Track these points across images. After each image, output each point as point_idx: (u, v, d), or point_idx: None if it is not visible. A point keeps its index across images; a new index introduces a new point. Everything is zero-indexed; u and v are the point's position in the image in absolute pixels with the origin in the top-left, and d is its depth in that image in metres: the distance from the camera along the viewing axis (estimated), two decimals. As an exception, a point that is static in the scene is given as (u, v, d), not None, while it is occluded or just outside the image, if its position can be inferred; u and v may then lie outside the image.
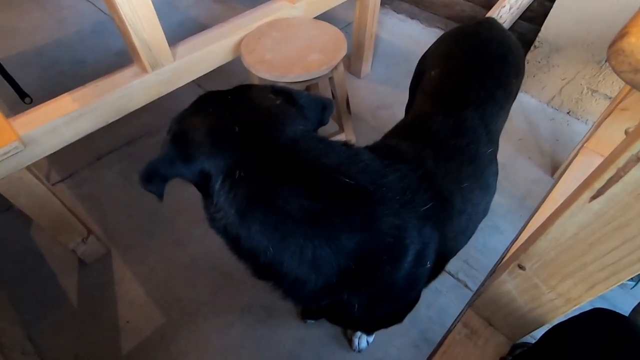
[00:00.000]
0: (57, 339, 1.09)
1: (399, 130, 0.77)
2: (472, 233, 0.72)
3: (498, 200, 1.40)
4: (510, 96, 0.85)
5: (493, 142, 0.77)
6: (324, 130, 1.63)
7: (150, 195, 0.60)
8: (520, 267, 0.47)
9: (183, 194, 1.41)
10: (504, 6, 1.66)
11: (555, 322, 0.49)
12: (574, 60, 1.55)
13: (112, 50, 2.01)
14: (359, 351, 1.06)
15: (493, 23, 0.95)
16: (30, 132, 0.86)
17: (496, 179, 0.77)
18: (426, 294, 1.18)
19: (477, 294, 0.59)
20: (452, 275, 1.22)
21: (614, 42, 0.23)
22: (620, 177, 0.31)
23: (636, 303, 1.06)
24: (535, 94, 1.76)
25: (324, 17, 1.24)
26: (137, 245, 1.28)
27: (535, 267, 0.45)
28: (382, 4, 2.25)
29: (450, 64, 0.85)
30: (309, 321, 1.12)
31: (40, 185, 0.95)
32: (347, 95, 1.26)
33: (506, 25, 1.73)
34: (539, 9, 1.65)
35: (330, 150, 0.54)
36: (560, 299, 0.45)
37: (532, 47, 1.65)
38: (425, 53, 1.00)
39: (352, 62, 1.83)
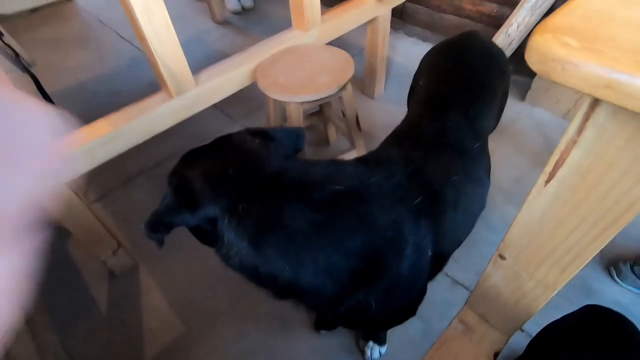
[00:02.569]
0: (87, 344, 1.17)
1: (390, 138, 0.82)
2: (472, 225, 0.74)
3: (512, 213, 1.39)
4: (495, 96, 0.89)
5: (480, 138, 0.81)
6: (337, 147, 1.70)
7: None
8: (501, 257, 0.49)
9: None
10: (512, 25, 1.71)
11: (539, 312, 0.51)
12: (586, 73, 1.55)
13: (145, 81, 2.20)
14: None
15: (474, 33, 1.03)
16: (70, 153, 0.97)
17: (488, 173, 0.80)
18: (446, 310, 1.18)
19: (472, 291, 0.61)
20: (467, 289, 1.21)
21: (528, 42, 0.28)
22: (564, 159, 0.35)
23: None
24: (550, 107, 1.76)
25: (338, 44, 1.33)
26: (161, 258, 1.36)
27: (514, 255, 0.48)
28: (395, 28, 2.35)
29: (435, 73, 0.92)
30: (322, 331, 1.14)
31: (77, 200, 1.06)
32: (357, 114, 1.33)
33: (515, 43, 1.77)
34: (548, 26, 1.68)
35: (314, 167, 0.60)
36: (539, 286, 0.47)
37: (542, 63, 1.67)
38: (417, 69, 1.06)
39: (365, 84, 1.91)
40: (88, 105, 2.06)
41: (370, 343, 1.07)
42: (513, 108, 1.79)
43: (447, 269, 1.26)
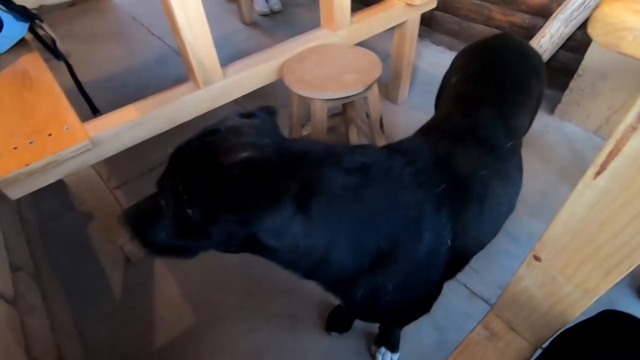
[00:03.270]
0: (99, 328, 1.17)
1: (416, 133, 0.81)
2: (498, 228, 0.71)
3: (536, 226, 1.34)
4: (531, 96, 0.87)
5: (513, 137, 0.78)
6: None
7: None
8: (536, 258, 0.47)
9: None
10: (544, 36, 1.67)
11: (576, 320, 0.48)
12: (621, 88, 1.50)
13: (172, 77, 2.24)
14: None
15: (508, 35, 1.01)
16: (99, 134, 1.00)
17: (520, 173, 0.78)
18: (462, 322, 1.14)
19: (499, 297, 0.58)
20: (486, 301, 1.17)
21: (592, 14, 0.26)
22: (620, 149, 0.33)
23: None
24: (581, 122, 1.70)
25: (365, 47, 1.33)
26: (177, 248, 1.37)
27: (551, 256, 0.45)
28: (422, 36, 2.33)
29: (468, 71, 0.90)
30: (333, 333, 1.11)
31: (101, 183, 1.08)
32: (381, 116, 1.31)
33: (547, 54, 1.73)
34: (582, 38, 1.64)
35: (335, 145, 0.59)
36: (578, 290, 0.44)
37: (575, 76, 1.62)
38: (449, 68, 1.05)
39: (389, 89, 1.90)
40: (117, 95, 2.12)
41: (382, 349, 1.04)
42: (541, 121, 1.74)
43: (466, 280, 1.22)
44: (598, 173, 0.35)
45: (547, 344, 0.53)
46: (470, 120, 0.75)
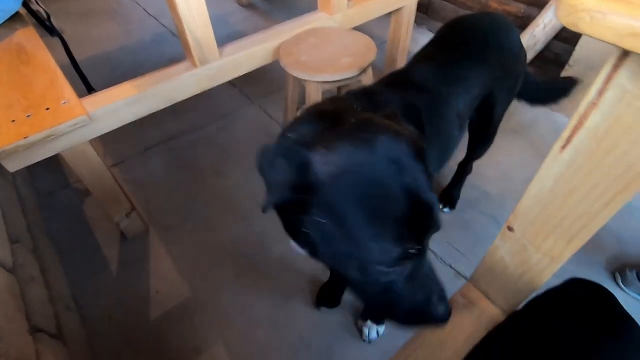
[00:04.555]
0: (95, 300, 1.21)
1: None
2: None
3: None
4: (482, 65, 0.93)
5: (452, 91, 0.88)
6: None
7: (187, 183, 0.66)
8: (510, 228, 0.50)
9: (218, 186, 1.53)
10: (538, 25, 1.69)
11: (544, 287, 0.52)
12: (610, 79, 1.53)
13: (167, 57, 2.24)
14: (369, 342, 1.09)
15: (491, 13, 1.04)
16: (96, 110, 1.01)
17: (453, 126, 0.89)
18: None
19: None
20: (469, 280, 1.22)
21: (558, -4, 0.29)
22: (582, 124, 0.36)
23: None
24: (570, 113, 1.73)
25: (362, 32, 1.34)
26: (173, 226, 1.40)
27: (522, 227, 0.49)
28: (418, 23, 2.33)
29: (437, 39, 1.00)
30: (322, 308, 1.16)
31: (98, 159, 1.10)
32: (375, 100, 1.33)
33: (540, 44, 1.75)
34: (575, 29, 1.66)
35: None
36: (545, 258, 0.48)
37: (566, 67, 1.65)
38: None
39: (384, 75, 1.91)
40: (113, 73, 2.11)
41: (369, 322, 1.09)
42: (532, 111, 1.78)
43: (452, 261, 1.27)
44: (563, 147, 0.38)
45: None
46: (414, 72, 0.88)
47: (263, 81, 2.01)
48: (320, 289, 1.18)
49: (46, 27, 1.47)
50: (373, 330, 1.08)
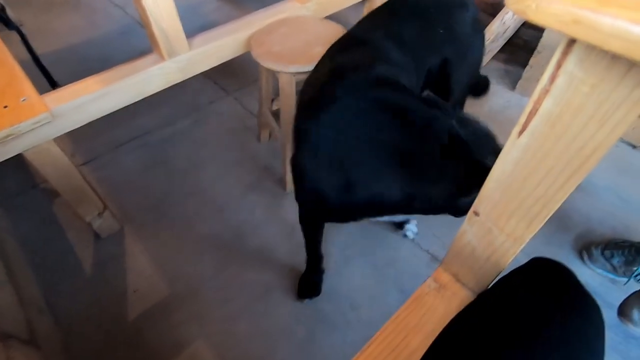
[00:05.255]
0: (70, 302, 1.18)
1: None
2: None
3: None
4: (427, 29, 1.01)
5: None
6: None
7: (162, 179, 0.67)
8: (476, 213, 0.52)
9: (193, 180, 1.51)
10: (508, 12, 1.72)
11: (511, 268, 0.54)
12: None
13: (137, 50, 2.16)
14: (414, 238, 1.31)
15: None
16: (59, 107, 0.97)
17: None
18: (418, 280, 1.22)
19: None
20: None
21: (508, -16, 0.29)
22: (537, 109, 0.37)
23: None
24: (539, 98, 1.78)
25: (336, 21, 1.33)
26: (148, 223, 1.37)
27: (487, 210, 0.50)
28: (393, 11, 2.33)
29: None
30: (306, 300, 1.17)
31: (64, 158, 1.06)
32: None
33: (510, 31, 1.79)
34: (543, 16, 1.70)
35: None
36: (509, 240, 0.50)
37: (535, 53, 1.69)
38: None
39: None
40: (78, 68, 2.01)
41: (407, 225, 1.29)
42: (504, 96, 1.82)
43: (428, 245, 1.30)
44: (520, 132, 0.39)
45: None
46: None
47: (238, 72, 1.97)
48: (300, 280, 1.19)
49: (2, 19, 1.39)
50: (413, 228, 1.30)
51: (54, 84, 1.54)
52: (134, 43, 2.21)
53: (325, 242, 1.29)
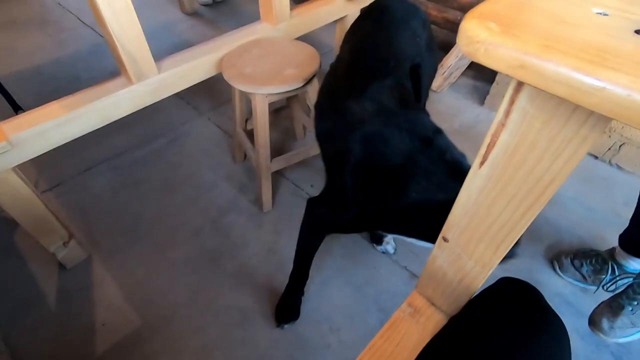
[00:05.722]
0: (32, 340, 1.10)
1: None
2: None
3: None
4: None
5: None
6: (305, 143, 1.71)
7: (134, 203, 0.65)
8: (445, 239, 0.52)
9: (166, 203, 1.46)
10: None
11: (479, 290, 0.54)
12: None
13: (107, 69, 2.11)
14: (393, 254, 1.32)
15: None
16: (19, 134, 0.93)
17: None
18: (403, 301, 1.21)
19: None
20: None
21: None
22: (495, 142, 0.38)
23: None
24: (506, 112, 1.86)
25: (308, 42, 1.34)
26: (118, 250, 1.32)
27: (456, 236, 0.51)
28: (365, 30, 2.39)
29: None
30: (285, 326, 1.14)
31: (24, 187, 1.01)
32: (324, 109, 1.34)
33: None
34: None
35: None
36: (477, 265, 0.50)
37: (493, 84, 1.77)
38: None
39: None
40: (45, 89, 1.96)
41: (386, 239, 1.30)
42: (473, 111, 1.88)
43: (407, 263, 1.31)
44: (481, 163, 0.40)
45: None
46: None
47: (211, 92, 1.96)
48: (277, 306, 1.16)
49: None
50: (392, 242, 1.32)
51: (17, 108, 1.48)
52: (105, 63, 2.16)
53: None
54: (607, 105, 0.24)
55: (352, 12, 1.61)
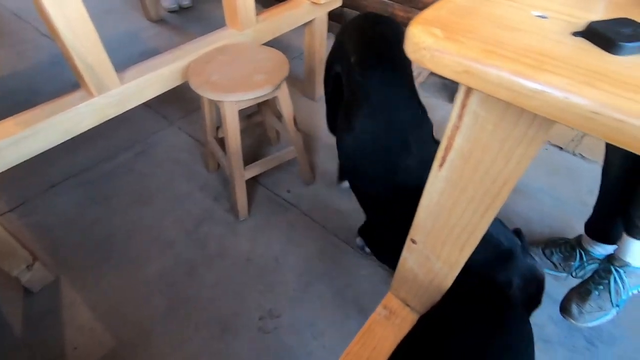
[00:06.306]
0: (-2, 371, 1.04)
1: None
2: None
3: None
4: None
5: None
6: (279, 148, 1.70)
7: (104, 218, 0.62)
8: (413, 241, 0.53)
9: (138, 216, 1.42)
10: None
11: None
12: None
13: (71, 81, 2.02)
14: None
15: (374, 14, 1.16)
16: (-30, 155, 0.87)
17: None
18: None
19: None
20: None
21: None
22: (451, 145, 0.38)
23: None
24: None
25: (279, 46, 1.33)
26: (88, 269, 1.26)
27: (423, 239, 0.51)
28: (334, 32, 2.40)
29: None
30: (265, 335, 1.12)
31: (-19, 209, 0.95)
32: (294, 114, 1.34)
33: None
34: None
35: None
36: (445, 266, 0.51)
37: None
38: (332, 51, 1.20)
39: (305, 85, 1.93)
40: (3, 103, 1.86)
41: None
42: (444, 109, 1.92)
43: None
44: (440, 165, 0.41)
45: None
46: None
47: (181, 100, 1.92)
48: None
49: None
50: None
51: (-30, 125, 1.40)
52: (67, 74, 2.07)
53: (282, 268, 1.26)
54: (547, 108, 0.25)
55: (319, 16, 1.61)
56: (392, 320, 0.62)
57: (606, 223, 1.09)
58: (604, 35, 0.27)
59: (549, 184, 1.56)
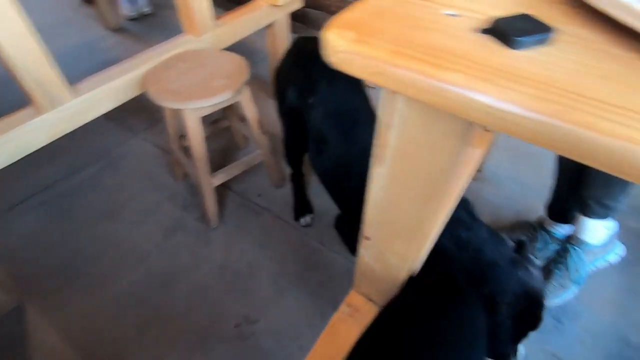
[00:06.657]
0: (-40, 406, 0.99)
1: None
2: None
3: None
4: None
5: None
6: (248, 152, 1.68)
7: (70, 237, 0.59)
8: (367, 237, 0.53)
9: (106, 232, 1.38)
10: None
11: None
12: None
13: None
14: None
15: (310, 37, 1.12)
16: None
17: None
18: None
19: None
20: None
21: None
22: (386, 143, 0.39)
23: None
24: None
25: (242, 49, 1.32)
26: (54, 291, 1.22)
27: (375, 235, 0.52)
28: (298, 32, 2.40)
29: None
30: (246, 341, 1.11)
31: None
32: (258, 117, 1.33)
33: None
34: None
35: None
36: (399, 259, 0.52)
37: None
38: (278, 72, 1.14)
39: (271, 88, 1.92)
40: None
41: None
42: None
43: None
44: (379, 162, 0.41)
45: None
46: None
47: (145, 110, 1.87)
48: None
49: None
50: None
51: None
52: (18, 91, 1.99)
53: (256, 273, 1.25)
54: (451, 104, 0.26)
55: (280, 18, 1.61)
56: (355, 317, 0.63)
57: (563, 204, 1.14)
58: (504, 31, 0.28)
59: (515, 170, 1.61)
